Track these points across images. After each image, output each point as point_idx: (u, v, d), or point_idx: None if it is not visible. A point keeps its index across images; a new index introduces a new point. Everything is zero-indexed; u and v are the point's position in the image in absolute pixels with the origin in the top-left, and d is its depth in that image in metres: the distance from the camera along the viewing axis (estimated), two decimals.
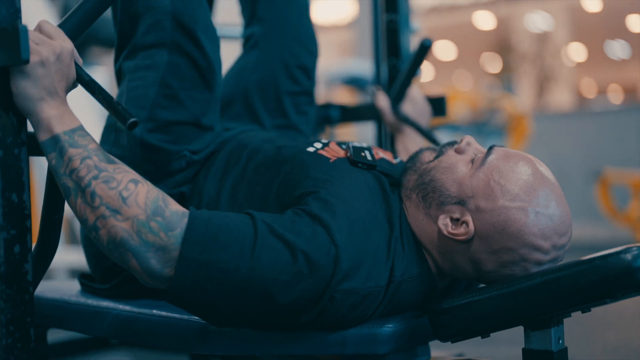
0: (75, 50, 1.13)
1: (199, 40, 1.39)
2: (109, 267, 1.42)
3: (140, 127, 1.36)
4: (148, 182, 1.13)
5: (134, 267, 1.10)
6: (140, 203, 1.10)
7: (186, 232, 1.10)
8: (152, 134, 1.37)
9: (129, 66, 1.40)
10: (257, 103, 1.70)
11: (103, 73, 4.02)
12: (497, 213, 1.17)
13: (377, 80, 2.31)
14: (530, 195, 1.17)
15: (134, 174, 1.13)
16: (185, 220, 1.11)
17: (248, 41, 1.79)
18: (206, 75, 1.42)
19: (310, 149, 1.38)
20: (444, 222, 1.21)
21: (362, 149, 1.37)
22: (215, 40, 1.45)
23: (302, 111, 1.76)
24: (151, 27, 1.37)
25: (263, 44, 1.74)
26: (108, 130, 1.42)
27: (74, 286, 1.56)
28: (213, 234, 1.11)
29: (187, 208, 1.15)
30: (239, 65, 1.77)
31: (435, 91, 2.03)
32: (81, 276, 1.54)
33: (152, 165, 1.37)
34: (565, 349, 1.20)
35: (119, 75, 1.44)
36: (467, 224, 1.19)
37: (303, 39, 1.77)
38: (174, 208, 1.12)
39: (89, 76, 1.15)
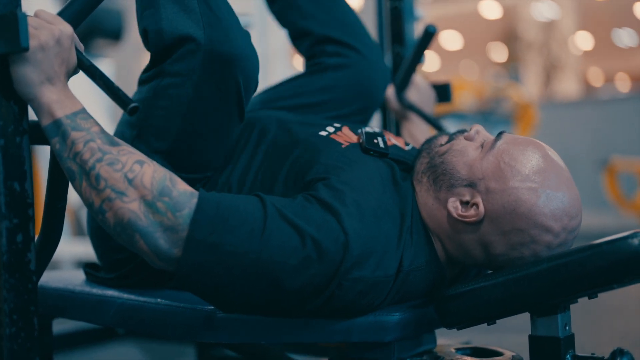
0: (75, 35, 1.12)
1: (232, 71, 1.27)
2: (117, 258, 1.41)
3: (160, 158, 1.29)
4: (154, 162, 1.13)
5: (142, 248, 1.10)
6: (146, 184, 1.09)
7: (195, 212, 1.09)
8: (174, 167, 1.29)
9: (154, 85, 1.31)
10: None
11: (108, 65, 4.02)
12: (507, 193, 1.17)
13: None
14: (541, 177, 1.17)
15: (139, 155, 1.12)
16: (194, 200, 1.10)
17: (322, 56, 1.67)
18: (232, 107, 1.32)
19: (323, 133, 1.37)
20: (454, 205, 1.21)
21: (375, 135, 1.36)
22: (252, 64, 1.31)
23: None
24: (182, 57, 1.27)
25: (352, 70, 1.65)
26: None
27: (79, 276, 1.56)
28: (223, 215, 1.10)
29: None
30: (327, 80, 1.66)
31: (441, 80, 2.02)
32: (86, 266, 1.53)
33: None
34: (572, 335, 1.19)
35: (143, 83, 1.35)
36: (477, 206, 1.19)
37: (381, 78, 1.72)
38: (182, 188, 1.11)
39: (89, 61, 1.14)
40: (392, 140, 1.41)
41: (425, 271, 1.22)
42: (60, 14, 1.14)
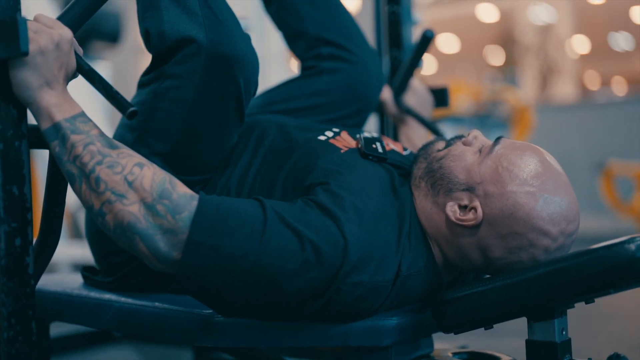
0: (74, 39, 1.12)
1: (234, 73, 1.29)
2: (115, 262, 1.41)
3: (160, 160, 1.31)
4: (154, 165, 1.13)
5: (142, 251, 1.10)
6: (146, 186, 1.09)
7: (195, 215, 1.10)
8: (174, 170, 1.30)
9: (154, 88, 1.32)
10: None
11: (106, 67, 4.02)
12: (505, 197, 1.18)
13: None
14: (539, 181, 1.18)
15: (138, 158, 1.12)
16: (194, 203, 1.11)
17: (317, 59, 1.68)
18: (232, 110, 1.33)
19: (322, 138, 1.38)
20: (452, 209, 1.21)
21: (373, 141, 1.37)
22: (253, 66, 1.33)
23: None
24: (184, 59, 1.28)
25: (347, 74, 1.66)
26: None
27: (77, 279, 1.56)
28: (222, 218, 1.11)
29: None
30: (313, 82, 1.67)
31: (438, 84, 2.02)
32: (84, 269, 1.53)
33: None
34: (569, 340, 1.20)
35: (142, 86, 1.36)
36: (476, 210, 1.19)
37: (375, 81, 1.71)
38: (182, 191, 1.12)
39: (88, 65, 1.15)
40: (391, 145, 1.42)
41: (424, 276, 1.23)
42: (60, 18, 1.15)
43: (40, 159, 3.36)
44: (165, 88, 1.30)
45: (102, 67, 3.90)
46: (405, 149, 1.45)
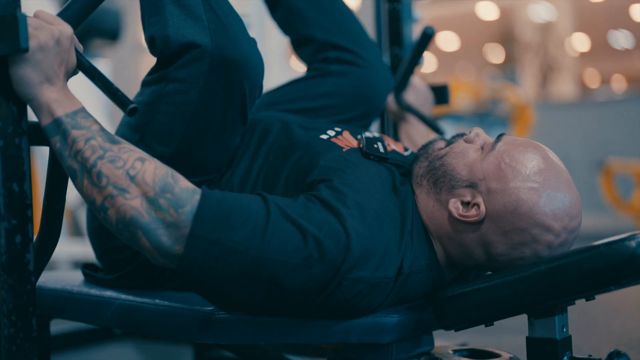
0: (74, 36, 1.12)
1: (239, 78, 1.28)
2: (117, 259, 1.41)
3: (163, 162, 1.29)
4: (155, 160, 1.13)
5: (144, 245, 1.10)
6: (148, 180, 1.09)
7: (198, 209, 1.09)
8: (178, 170, 1.32)
9: (157, 90, 1.32)
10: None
11: (105, 65, 4.01)
12: (508, 193, 1.18)
13: None
14: (542, 177, 1.18)
15: (140, 152, 1.12)
16: (197, 197, 1.10)
17: (324, 62, 1.69)
18: (236, 113, 1.33)
19: (324, 137, 1.38)
20: (455, 206, 1.22)
21: (375, 140, 1.37)
22: (258, 71, 1.32)
23: None
24: (187, 63, 1.28)
25: (354, 77, 1.66)
26: None
27: (77, 276, 1.56)
28: (225, 212, 1.11)
29: None
30: (312, 84, 1.67)
31: (438, 81, 2.02)
32: (84, 266, 1.53)
33: None
34: (570, 337, 1.20)
35: (146, 85, 1.35)
36: (479, 206, 1.20)
37: (383, 85, 1.72)
38: (184, 185, 1.12)
39: (89, 62, 1.15)
40: (392, 145, 1.42)
41: (425, 274, 1.23)
42: (60, 14, 1.15)
43: (40, 156, 3.36)
44: (169, 92, 1.30)
45: (102, 65, 3.90)
46: (406, 149, 1.46)
